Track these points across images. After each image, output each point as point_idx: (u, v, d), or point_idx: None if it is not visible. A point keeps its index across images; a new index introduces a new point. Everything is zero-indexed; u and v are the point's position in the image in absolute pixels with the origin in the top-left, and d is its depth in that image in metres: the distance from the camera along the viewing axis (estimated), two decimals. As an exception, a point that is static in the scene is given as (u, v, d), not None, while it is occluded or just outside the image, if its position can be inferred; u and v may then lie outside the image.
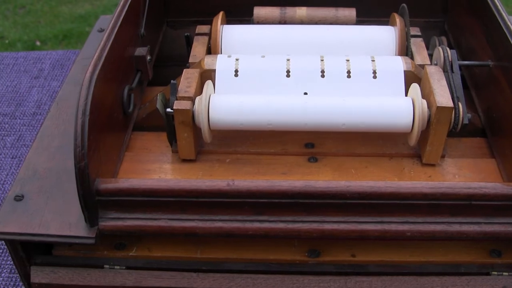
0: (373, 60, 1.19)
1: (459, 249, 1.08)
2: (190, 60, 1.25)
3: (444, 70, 1.17)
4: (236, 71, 1.18)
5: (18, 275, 1.10)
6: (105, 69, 1.05)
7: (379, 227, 1.00)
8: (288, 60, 1.19)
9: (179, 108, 1.08)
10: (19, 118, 1.90)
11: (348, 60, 1.19)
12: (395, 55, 1.28)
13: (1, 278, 1.44)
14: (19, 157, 1.76)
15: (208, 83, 1.14)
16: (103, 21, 1.60)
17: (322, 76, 1.17)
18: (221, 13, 1.32)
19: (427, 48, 1.32)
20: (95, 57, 1.04)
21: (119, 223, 1.01)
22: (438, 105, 1.07)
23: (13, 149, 1.79)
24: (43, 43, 2.66)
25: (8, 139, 1.82)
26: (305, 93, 1.16)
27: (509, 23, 1.15)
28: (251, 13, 1.39)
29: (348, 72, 1.17)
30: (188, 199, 0.99)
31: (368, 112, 1.10)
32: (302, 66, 1.18)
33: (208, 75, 1.18)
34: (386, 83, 1.16)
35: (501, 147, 1.15)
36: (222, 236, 1.01)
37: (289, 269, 1.07)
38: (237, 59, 1.20)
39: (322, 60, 1.19)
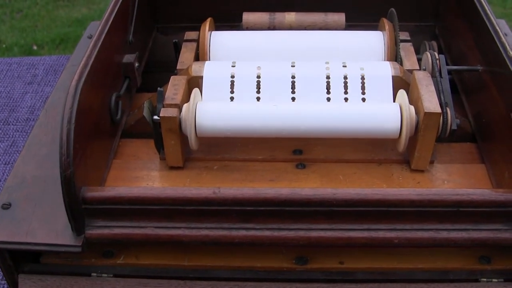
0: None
1: (447, 256, 1.07)
2: (178, 66, 1.25)
3: (433, 75, 1.17)
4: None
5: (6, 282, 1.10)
6: (92, 77, 1.05)
7: (366, 234, 0.99)
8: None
9: (166, 115, 1.08)
10: (12, 124, 1.90)
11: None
12: (384, 60, 1.27)
13: (-9, 285, 1.44)
14: (12, 163, 1.75)
15: (195, 90, 1.13)
16: (93, 27, 1.59)
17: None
18: (209, 19, 1.32)
19: (418, 53, 1.31)
20: (81, 64, 1.04)
21: (106, 231, 1.01)
22: (425, 110, 1.06)
23: (6, 155, 1.79)
24: (40, 47, 2.66)
25: (1, 145, 1.82)
26: (293, 98, 1.16)
27: (497, 28, 1.15)
28: (240, 19, 1.39)
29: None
30: (174, 207, 0.99)
31: (355, 118, 1.10)
32: (289, 73, 1.17)
33: (195, 82, 1.17)
34: (374, 89, 1.16)
35: (490, 153, 1.15)
36: (209, 244, 1.01)
37: (277, 276, 1.06)
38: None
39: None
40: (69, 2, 3.02)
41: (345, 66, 1.18)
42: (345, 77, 1.17)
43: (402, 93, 1.11)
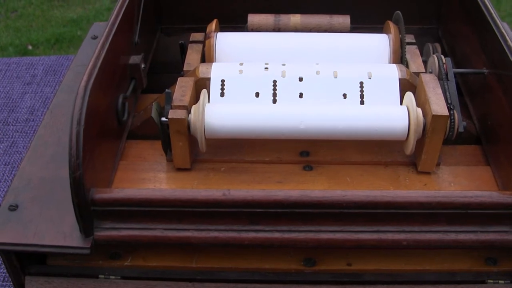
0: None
1: (454, 258, 1.08)
2: (185, 68, 1.25)
3: (439, 78, 1.17)
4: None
5: (11, 283, 1.09)
6: (100, 78, 1.05)
7: (375, 236, 1.00)
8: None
9: (174, 117, 1.08)
10: (12, 125, 1.89)
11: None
12: (390, 62, 1.28)
13: (-6, 287, 1.44)
14: (12, 163, 1.75)
15: (204, 92, 1.13)
16: (96, 28, 1.59)
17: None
18: (215, 21, 1.32)
19: (421, 55, 1.32)
20: (89, 66, 1.04)
21: (114, 233, 1.00)
22: (433, 113, 1.07)
23: (6, 156, 1.78)
24: (35, 47, 2.65)
25: (1, 146, 1.81)
26: (300, 100, 1.16)
27: (503, 30, 1.15)
28: (245, 21, 1.39)
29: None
30: (183, 209, 0.99)
31: (364, 120, 1.10)
32: (297, 74, 1.18)
33: (202, 83, 1.17)
34: (381, 91, 1.16)
35: (496, 155, 1.16)
36: (218, 245, 1.01)
37: (285, 278, 1.06)
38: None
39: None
40: (64, 2, 3.01)
41: (352, 69, 1.18)
42: (352, 80, 1.17)
43: (409, 96, 1.12)
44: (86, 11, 2.92)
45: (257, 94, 1.16)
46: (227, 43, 1.29)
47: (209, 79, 1.17)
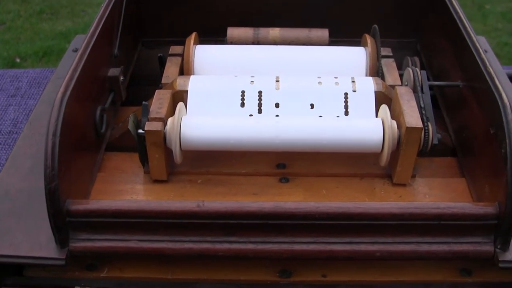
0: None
1: (429, 268, 1.08)
2: (163, 80, 1.26)
3: (415, 91, 1.18)
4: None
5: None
6: (77, 90, 1.05)
7: (348, 247, 1.00)
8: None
9: (151, 129, 1.09)
10: (-5, 137, 1.90)
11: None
12: (366, 75, 1.29)
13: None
14: (-5, 175, 1.74)
15: (180, 104, 1.14)
16: (78, 40, 1.60)
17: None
18: (194, 34, 1.33)
19: (400, 68, 1.33)
20: (66, 77, 1.04)
21: (90, 244, 1.01)
22: (407, 125, 1.08)
23: (-12, 168, 1.78)
24: (23, 59, 2.66)
25: (-16, 158, 1.82)
26: (277, 113, 1.17)
27: (477, 44, 1.17)
28: (224, 34, 1.40)
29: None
30: (158, 220, 0.99)
31: (338, 133, 1.11)
32: (274, 87, 1.19)
33: (180, 96, 1.18)
34: (357, 104, 1.17)
35: (471, 167, 1.17)
36: (192, 257, 1.01)
37: (261, 289, 1.07)
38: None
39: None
40: (53, 15, 3.02)
41: (329, 81, 1.20)
42: (329, 92, 1.18)
43: (384, 108, 1.13)
44: (75, 24, 2.93)
45: (233, 107, 1.17)
46: (206, 55, 1.30)
47: (186, 91, 1.18)
